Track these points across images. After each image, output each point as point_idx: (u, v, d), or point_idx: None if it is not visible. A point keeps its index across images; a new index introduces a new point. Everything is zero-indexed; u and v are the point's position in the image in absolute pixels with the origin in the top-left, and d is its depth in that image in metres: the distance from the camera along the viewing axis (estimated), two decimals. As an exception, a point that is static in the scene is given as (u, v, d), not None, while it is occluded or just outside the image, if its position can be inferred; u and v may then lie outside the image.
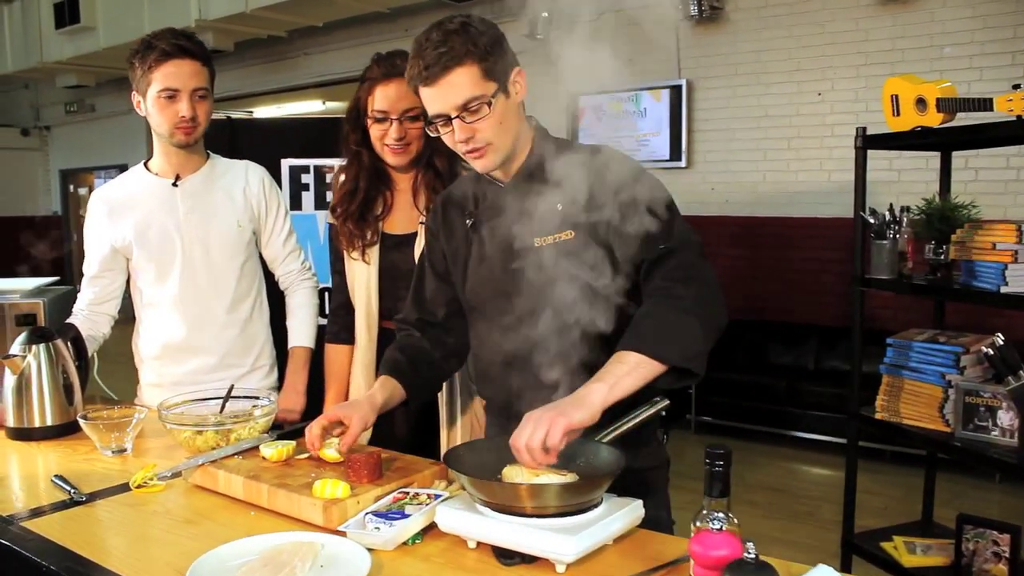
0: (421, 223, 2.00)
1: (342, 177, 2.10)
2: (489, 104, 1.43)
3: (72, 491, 1.52)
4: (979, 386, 2.49)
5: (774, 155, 6.09)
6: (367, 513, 1.31)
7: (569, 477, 1.25)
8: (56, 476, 1.60)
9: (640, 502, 1.29)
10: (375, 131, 1.97)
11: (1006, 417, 2.43)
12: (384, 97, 1.93)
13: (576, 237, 1.45)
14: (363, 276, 2.05)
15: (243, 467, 1.52)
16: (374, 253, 2.04)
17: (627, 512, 1.26)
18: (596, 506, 1.24)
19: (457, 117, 1.43)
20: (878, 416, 2.79)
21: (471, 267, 1.60)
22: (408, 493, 1.38)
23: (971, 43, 5.22)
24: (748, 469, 5.04)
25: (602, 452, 1.32)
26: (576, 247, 1.44)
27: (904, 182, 5.21)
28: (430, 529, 1.32)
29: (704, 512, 1.07)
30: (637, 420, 1.42)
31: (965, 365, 2.55)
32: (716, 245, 6.33)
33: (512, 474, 1.26)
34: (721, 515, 1.06)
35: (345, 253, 2.08)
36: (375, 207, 2.05)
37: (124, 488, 1.56)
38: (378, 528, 1.27)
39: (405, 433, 2.01)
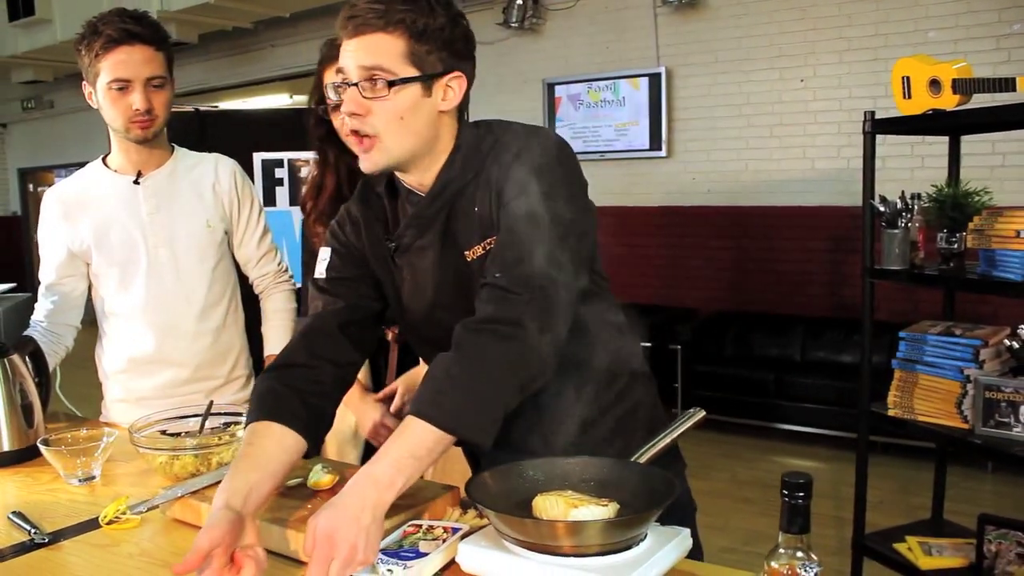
0: None
1: (314, 171, 1.91)
2: (392, 85, 1.19)
3: (32, 531, 1.33)
4: (1000, 381, 2.37)
5: (756, 143, 5.98)
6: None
7: (611, 507, 1.09)
8: (13, 512, 1.40)
9: (687, 531, 1.14)
10: (335, 120, 1.77)
11: (1029, 413, 2.32)
12: (331, 79, 1.76)
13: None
14: None
15: (229, 498, 1.34)
16: None
17: (676, 545, 1.10)
18: (642, 540, 1.08)
19: (355, 84, 1.21)
20: (891, 413, 2.66)
21: (405, 298, 1.37)
22: (420, 526, 1.22)
23: (955, 27, 5.14)
24: (739, 465, 4.93)
25: (644, 475, 1.16)
26: None
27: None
28: (449, 566, 1.16)
29: (782, 551, 0.92)
30: (674, 435, 1.29)
31: (984, 359, 2.43)
32: (698, 236, 6.23)
33: (545, 505, 1.10)
34: (801, 554, 0.91)
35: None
36: None
37: (93, 524, 1.37)
38: (391, 570, 1.10)
39: None
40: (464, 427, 1.10)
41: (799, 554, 0.91)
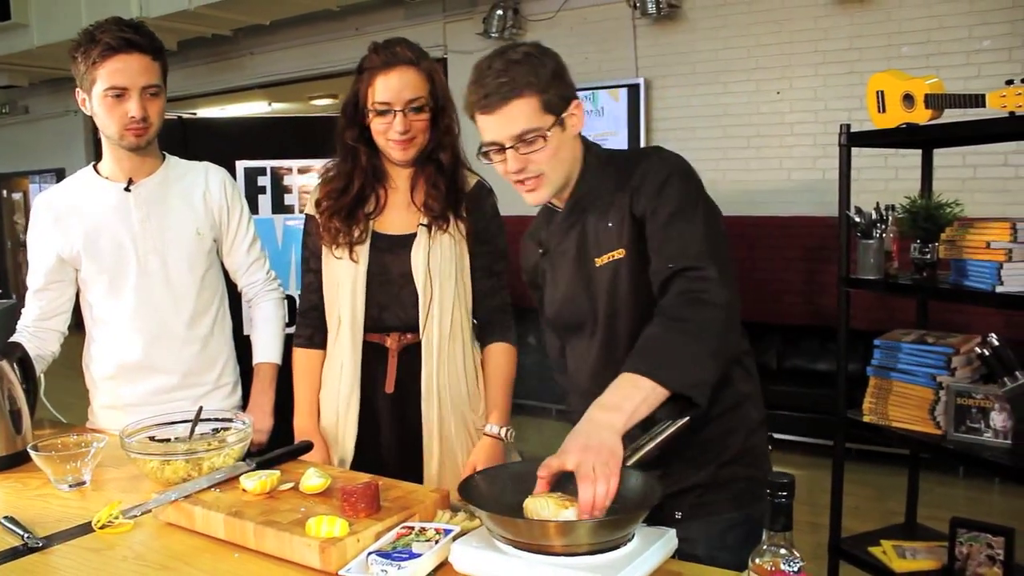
0: (421, 224, 1.84)
1: (330, 174, 1.91)
2: (545, 137, 1.43)
3: (26, 535, 1.34)
4: (971, 387, 2.44)
5: (734, 154, 6.06)
6: (370, 553, 1.17)
7: (599, 508, 1.13)
8: (6, 517, 1.41)
9: (673, 532, 1.18)
10: (377, 125, 1.80)
11: (999, 418, 2.38)
12: (386, 88, 1.77)
13: (627, 255, 1.46)
14: (348, 277, 1.84)
15: (222, 502, 1.36)
16: (363, 252, 1.85)
17: (662, 544, 1.14)
18: (630, 540, 1.12)
19: (512, 147, 1.43)
20: (866, 419, 2.72)
21: (548, 295, 1.63)
22: (413, 528, 1.24)
23: (928, 42, 5.25)
24: (717, 471, 4.98)
25: (631, 479, 1.20)
26: (626, 264, 1.46)
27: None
28: (441, 567, 1.18)
29: (765, 548, 0.96)
30: (660, 439, 1.32)
31: (956, 366, 2.50)
32: (677, 245, 6.27)
33: (536, 507, 1.13)
34: (785, 551, 0.95)
35: (326, 250, 1.88)
36: (367, 205, 1.87)
37: (86, 529, 1.39)
38: (385, 571, 1.13)
39: (393, 458, 1.86)
40: (673, 380, 1.24)
41: (782, 551, 0.95)
